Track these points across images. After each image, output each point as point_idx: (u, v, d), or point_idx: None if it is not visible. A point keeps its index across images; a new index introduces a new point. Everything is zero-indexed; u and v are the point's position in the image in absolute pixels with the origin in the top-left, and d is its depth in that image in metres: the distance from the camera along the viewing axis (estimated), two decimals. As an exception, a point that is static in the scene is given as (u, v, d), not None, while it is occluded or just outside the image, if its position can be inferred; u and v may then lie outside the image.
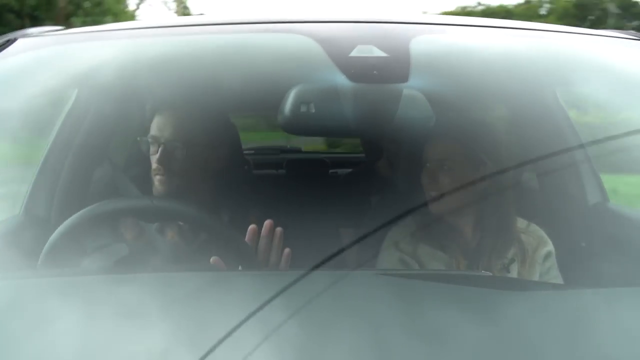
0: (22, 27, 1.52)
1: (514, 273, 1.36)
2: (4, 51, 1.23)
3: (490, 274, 1.33)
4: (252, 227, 1.16)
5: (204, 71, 1.23)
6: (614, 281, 1.53)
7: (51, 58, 1.27)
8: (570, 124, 1.90)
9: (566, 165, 1.80)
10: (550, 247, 1.41)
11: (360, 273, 1.13)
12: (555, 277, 1.40)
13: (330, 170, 3.16)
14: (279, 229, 1.17)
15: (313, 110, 0.95)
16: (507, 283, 1.11)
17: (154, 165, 1.32)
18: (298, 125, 0.97)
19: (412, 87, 0.97)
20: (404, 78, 0.95)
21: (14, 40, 1.26)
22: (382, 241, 1.47)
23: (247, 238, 1.15)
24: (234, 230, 1.20)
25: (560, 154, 1.81)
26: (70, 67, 1.27)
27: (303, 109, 0.95)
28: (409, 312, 0.73)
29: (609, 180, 1.82)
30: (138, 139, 1.38)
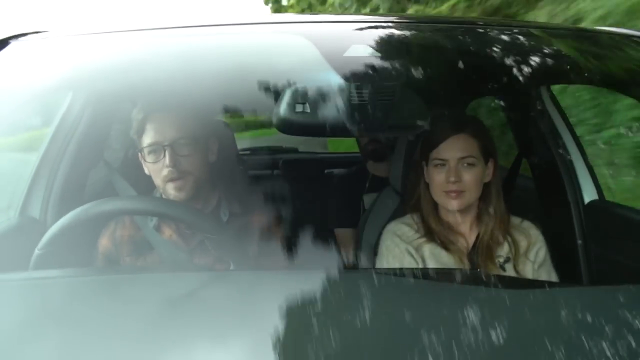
0: None
1: (509, 271, 1.37)
2: None
3: (487, 272, 1.33)
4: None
5: (199, 72, 1.23)
6: (610, 279, 1.54)
7: (45, 60, 1.26)
8: (566, 121, 1.91)
9: (561, 163, 1.80)
10: (542, 243, 1.42)
11: (358, 272, 1.14)
12: (549, 272, 1.41)
13: (326, 170, 3.17)
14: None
15: (308, 110, 0.95)
16: (504, 282, 1.11)
17: (165, 171, 1.28)
18: (293, 125, 0.96)
19: (406, 86, 0.97)
20: (399, 77, 0.95)
21: (7, 42, 1.25)
22: (378, 236, 1.47)
23: None
24: (231, 230, 1.20)
25: (555, 151, 1.82)
26: (65, 69, 1.27)
27: (298, 108, 0.95)
28: (407, 311, 0.73)
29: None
30: (137, 152, 1.34)
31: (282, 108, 0.96)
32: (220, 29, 1.35)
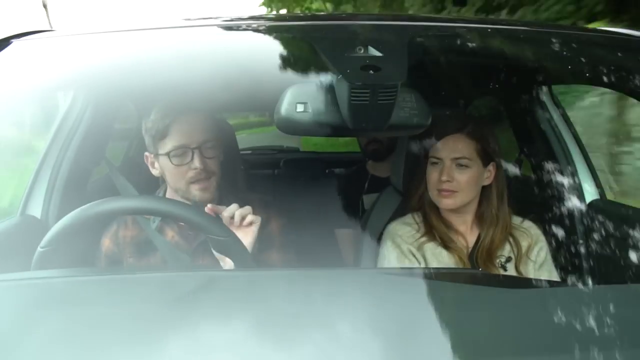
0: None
1: (511, 271, 1.37)
2: None
3: (488, 272, 1.34)
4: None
5: (201, 72, 1.23)
6: (611, 278, 1.54)
7: (46, 60, 1.26)
8: (567, 121, 1.91)
9: (563, 163, 1.80)
10: (543, 242, 1.42)
11: (359, 272, 1.14)
12: (550, 271, 1.41)
13: (327, 170, 3.17)
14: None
15: (309, 110, 0.95)
16: (505, 281, 1.11)
17: (192, 173, 1.29)
18: (294, 125, 0.96)
19: (408, 86, 0.97)
20: (401, 77, 0.95)
21: (9, 42, 1.25)
22: (379, 236, 1.47)
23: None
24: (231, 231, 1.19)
25: (556, 151, 1.82)
26: (66, 69, 1.27)
27: (299, 108, 0.95)
28: (408, 311, 0.73)
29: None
30: (165, 154, 1.31)
31: (284, 108, 0.95)
32: (225, 29, 1.35)
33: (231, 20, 1.43)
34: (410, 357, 0.65)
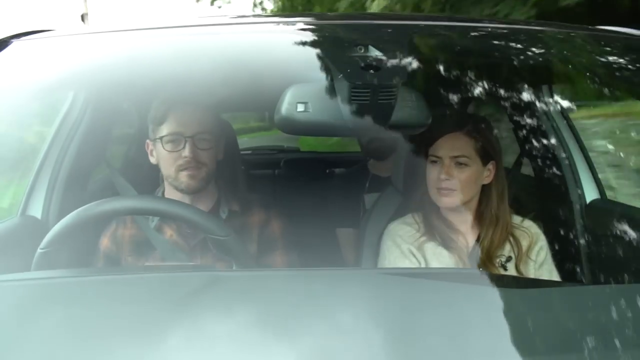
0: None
1: (511, 270, 1.37)
2: None
3: (488, 272, 1.33)
4: None
5: (202, 71, 1.24)
6: (611, 278, 1.54)
7: (46, 60, 1.26)
8: (567, 121, 1.91)
9: (563, 162, 1.80)
10: (543, 242, 1.42)
11: (360, 272, 1.14)
12: (550, 271, 1.41)
13: (328, 170, 3.16)
14: None
15: (310, 110, 0.95)
16: (505, 281, 1.11)
17: (181, 161, 1.32)
18: (294, 125, 0.96)
19: (408, 86, 0.97)
20: (401, 76, 0.95)
21: (9, 42, 1.25)
22: (380, 236, 1.48)
23: None
24: (231, 230, 1.20)
25: (557, 150, 1.82)
26: (66, 69, 1.27)
27: (300, 108, 0.95)
28: (409, 311, 0.73)
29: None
30: (151, 140, 1.37)
31: (284, 107, 0.95)
32: (226, 28, 1.36)
33: (232, 19, 1.43)
34: (411, 357, 0.65)
